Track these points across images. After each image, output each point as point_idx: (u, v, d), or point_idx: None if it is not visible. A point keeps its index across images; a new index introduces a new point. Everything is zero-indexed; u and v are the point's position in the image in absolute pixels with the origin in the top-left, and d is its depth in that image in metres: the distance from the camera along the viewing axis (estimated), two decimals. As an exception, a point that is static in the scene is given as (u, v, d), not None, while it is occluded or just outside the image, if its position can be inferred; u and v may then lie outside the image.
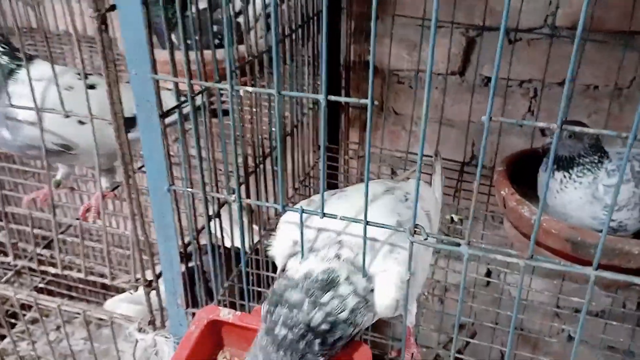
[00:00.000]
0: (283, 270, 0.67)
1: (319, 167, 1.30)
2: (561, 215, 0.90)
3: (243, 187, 0.96)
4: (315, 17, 1.11)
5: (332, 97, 0.58)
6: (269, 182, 1.05)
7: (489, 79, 1.30)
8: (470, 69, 1.31)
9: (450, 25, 1.21)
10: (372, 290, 0.63)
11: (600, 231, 0.88)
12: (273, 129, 1.06)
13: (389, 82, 1.38)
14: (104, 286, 1.87)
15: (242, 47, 0.93)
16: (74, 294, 1.96)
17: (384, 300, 0.62)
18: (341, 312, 0.61)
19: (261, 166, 1.00)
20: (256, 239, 1.07)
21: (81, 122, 0.92)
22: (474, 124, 1.33)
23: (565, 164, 0.88)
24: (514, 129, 1.29)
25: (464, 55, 1.31)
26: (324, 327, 0.60)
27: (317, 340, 0.60)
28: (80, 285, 1.93)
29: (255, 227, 1.09)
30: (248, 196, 1.02)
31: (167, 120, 0.65)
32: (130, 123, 0.70)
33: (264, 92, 0.56)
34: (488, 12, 1.20)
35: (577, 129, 0.50)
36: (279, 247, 0.69)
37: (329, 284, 0.61)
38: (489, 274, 1.54)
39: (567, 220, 0.89)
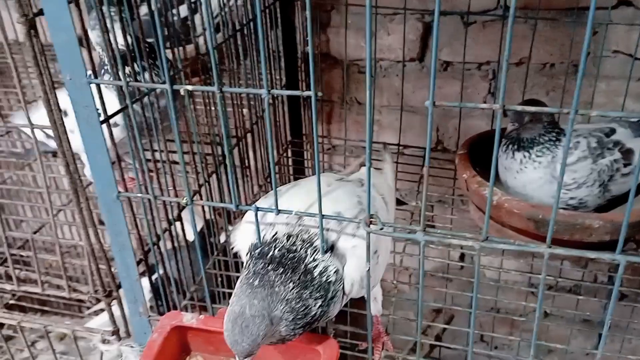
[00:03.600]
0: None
1: (282, 163, 1.28)
2: (522, 195, 0.90)
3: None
4: (266, 11, 1.10)
5: (275, 91, 0.57)
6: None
7: (448, 63, 1.30)
8: (430, 54, 1.31)
9: (404, 12, 1.20)
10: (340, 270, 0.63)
11: (562, 209, 0.89)
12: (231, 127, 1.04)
13: (350, 72, 1.37)
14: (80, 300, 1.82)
15: (189, 47, 0.91)
16: (47, 308, 1.91)
17: (356, 274, 0.62)
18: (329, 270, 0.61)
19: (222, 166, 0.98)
20: (223, 238, 1.06)
21: None
22: (436, 109, 1.32)
23: (526, 144, 0.88)
24: (475, 111, 1.30)
25: (422, 41, 1.31)
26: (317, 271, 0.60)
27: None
28: (60, 300, 1.88)
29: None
30: (211, 197, 1.01)
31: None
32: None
33: (205, 89, 0.54)
34: (442, -4, 1.20)
35: (519, 108, 0.49)
36: (243, 241, 0.68)
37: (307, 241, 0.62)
38: (462, 257, 1.55)
39: (528, 201, 0.89)
